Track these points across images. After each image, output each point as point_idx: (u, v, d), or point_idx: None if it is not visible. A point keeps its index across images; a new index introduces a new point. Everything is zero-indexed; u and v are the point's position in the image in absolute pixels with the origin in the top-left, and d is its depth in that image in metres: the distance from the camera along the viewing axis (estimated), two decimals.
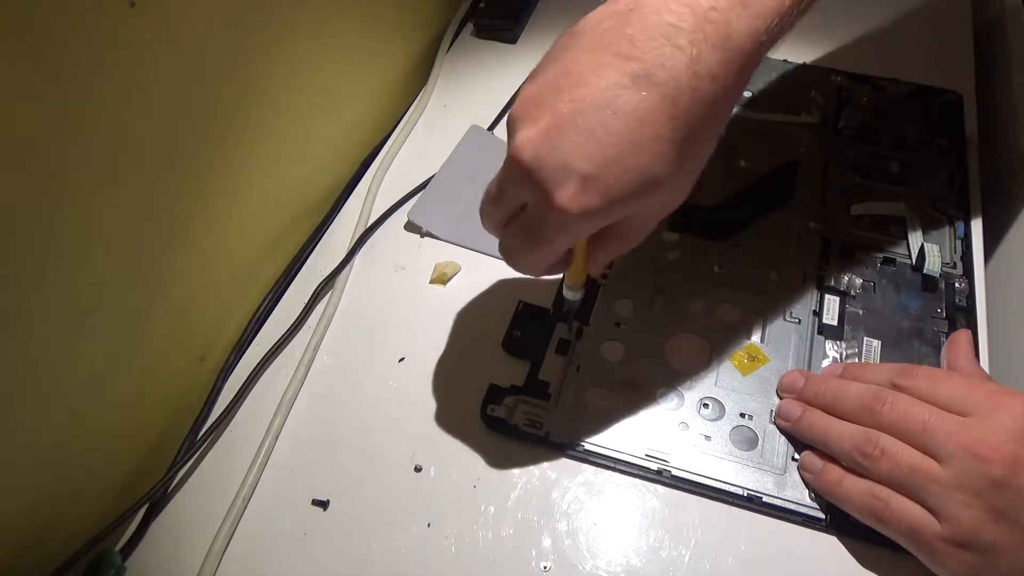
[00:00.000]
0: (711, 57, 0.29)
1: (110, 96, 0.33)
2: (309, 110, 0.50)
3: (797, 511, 0.37)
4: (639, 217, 0.33)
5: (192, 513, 0.40)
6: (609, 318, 0.45)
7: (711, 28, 0.28)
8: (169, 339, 0.42)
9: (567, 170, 0.29)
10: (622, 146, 0.29)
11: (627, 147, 0.29)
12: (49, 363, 0.33)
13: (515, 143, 0.30)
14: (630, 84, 0.28)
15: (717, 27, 0.29)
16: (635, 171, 0.29)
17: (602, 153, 0.29)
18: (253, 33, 0.42)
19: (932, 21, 0.62)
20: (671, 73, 0.28)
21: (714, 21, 0.29)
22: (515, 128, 0.30)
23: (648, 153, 0.29)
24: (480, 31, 0.65)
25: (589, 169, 0.29)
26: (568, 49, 0.30)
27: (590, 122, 0.29)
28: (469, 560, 0.37)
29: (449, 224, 0.51)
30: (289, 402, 0.43)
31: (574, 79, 0.29)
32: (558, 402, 0.41)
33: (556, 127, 0.29)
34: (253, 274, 0.48)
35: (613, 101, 0.29)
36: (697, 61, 0.28)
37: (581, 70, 0.29)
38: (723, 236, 0.48)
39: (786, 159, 0.52)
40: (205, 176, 0.41)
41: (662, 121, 0.29)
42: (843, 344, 0.43)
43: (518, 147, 0.30)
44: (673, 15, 0.29)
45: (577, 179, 0.29)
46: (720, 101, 0.30)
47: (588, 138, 0.29)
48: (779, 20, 0.30)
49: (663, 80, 0.28)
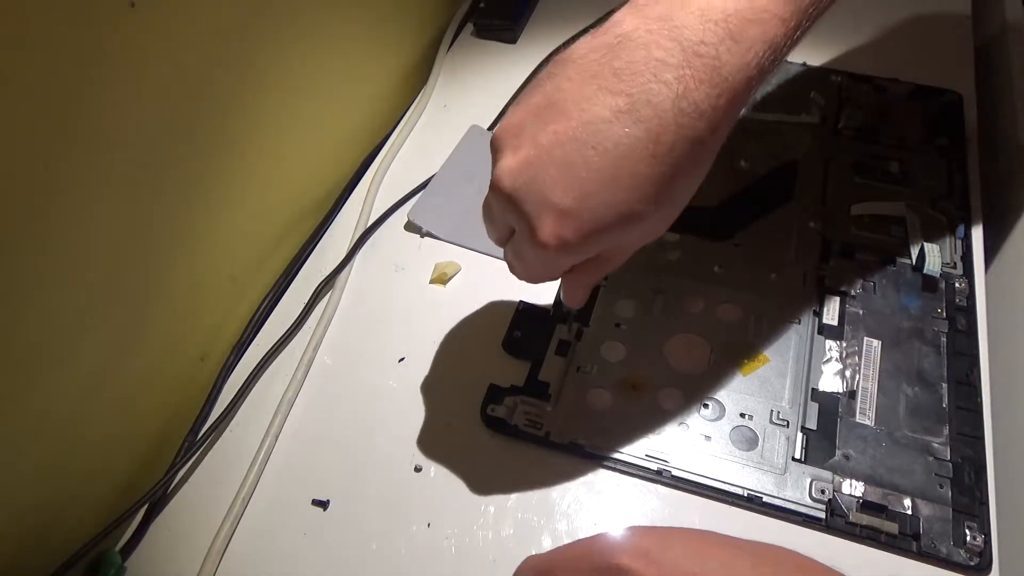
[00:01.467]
0: (698, 93, 0.28)
1: (110, 96, 0.33)
2: (309, 110, 0.50)
3: (797, 511, 0.37)
4: (619, 247, 0.33)
5: (192, 513, 0.40)
6: (609, 318, 0.45)
7: (699, 63, 0.28)
8: (169, 339, 0.42)
9: (544, 203, 0.29)
10: (601, 181, 0.28)
11: (607, 183, 0.28)
12: (49, 363, 0.33)
13: (496, 171, 0.30)
14: (613, 119, 0.28)
15: (706, 62, 0.28)
16: (613, 207, 0.29)
17: (580, 188, 0.28)
18: (253, 34, 0.42)
19: (932, 21, 0.61)
20: (656, 110, 0.28)
21: (703, 56, 0.28)
22: (497, 155, 0.30)
23: (627, 189, 0.28)
24: (480, 31, 0.65)
25: (567, 204, 0.29)
26: (554, 77, 0.30)
27: (570, 155, 0.28)
28: (469, 560, 0.37)
29: (449, 224, 0.51)
30: (289, 402, 0.43)
31: (557, 110, 0.29)
32: (558, 402, 0.41)
33: (536, 159, 0.29)
34: (253, 274, 0.48)
35: (595, 135, 0.28)
36: (683, 97, 0.28)
37: (565, 101, 0.29)
38: (723, 236, 0.48)
39: (786, 159, 0.52)
40: (205, 176, 0.41)
41: (643, 158, 0.28)
42: (843, 344, 0.43)
43: (498, 176, 0.30)
44: (661, 50, 0.28)
45: (554, 213, 0.29)
46: (706, 138, 0.29)
47: (566, 172, 0.28)
48: (771, 53, 0.29)
49: (648, 116, 0.28)
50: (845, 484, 0.38)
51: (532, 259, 0.32)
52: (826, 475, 0.38)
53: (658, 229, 0.32)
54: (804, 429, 0.40)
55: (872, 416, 0.40)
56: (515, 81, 0.59)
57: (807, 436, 0.39)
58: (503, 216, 0.32)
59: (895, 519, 0.36)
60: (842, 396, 0.41)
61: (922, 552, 0.35)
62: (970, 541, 0.36)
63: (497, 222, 0.33)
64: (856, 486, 0.37)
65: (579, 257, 0.31)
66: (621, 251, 0.33)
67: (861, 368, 0.42)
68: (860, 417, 0.40)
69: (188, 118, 0.38)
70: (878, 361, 0.42)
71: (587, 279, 0.36)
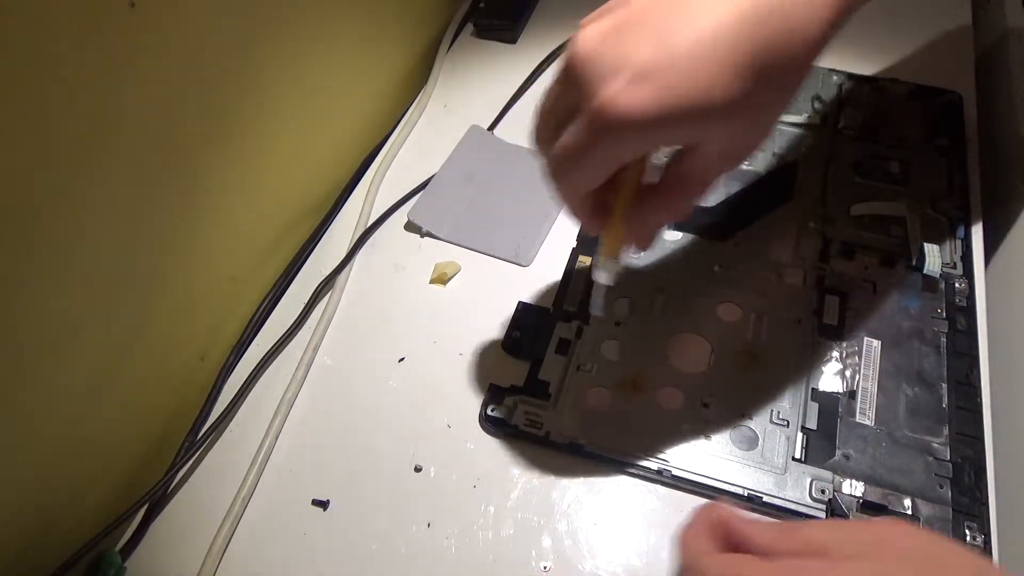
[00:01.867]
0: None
1: (110, 96, 0.33)
2: (309, 110, 0.50)
3: (797, 511, 0.37)
4: (694, 162, 0.30)
5: (192, 513, 0.40)
6: (609, 318, 0.45)
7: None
8: (169, 339, 0.42)
9: (622, 63, 0.26)
10: (690, 57, 0.26)
11: (694, 58, 0.26)
12: (49, 363, 0.33)
13: (577, 36, 0.28)
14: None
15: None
16: (695, 85, 0.26)
17: (665, 54, 0.26)
18: (253, 33, 0.42)
19: (932, 21, 0.61)
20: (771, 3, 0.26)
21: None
22: (582, 26, 0.28)
23: (713, 73, 0.26)
24: (480, 31, 0.65)
25: (646, 64, 0.26)
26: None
27: (662, 22, 0.26)
28: (469, 560, 0.37)
29: (449, 224, 0.51)
30: (289, 402, 0.43)
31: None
32: (558, 402, 0.41)
33: (625, 22, 0.27)
34: (253, 274, 0.48)
35: (692, 7, 0.26)
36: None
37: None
38: (723, 236, 0.48)
39: (786, 159, 0.52)
40: (205, 176, 0.41)
41: (740, 41, 0.26)
42: (843, 344, 0.43)
43: (578, 39, 0.27)
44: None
45: (629, 73, 0.26)
46: (810, 40, 0.27)
47: (654, 37, 0.26)
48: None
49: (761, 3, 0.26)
50: (845, 484, 0.38)
51: (592, 136, 0.28)
52: (826, 475, 0.38)
53: (737, 141, 0.30)
54: (804, 429, 0.40)
55: (872, 416, 0.40)
56: (515, 81, 0.59)
57: (807, 436, 0.39)
58: (567, 91, 0.28)
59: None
60: (842, 396, 0.41)
61: None
62: (970, 541, 0.36)
63: (556, 106, 0.29)
64: (856, 486, 0.37)
65: (644, 140, 0.28)
66: (696, 169, 0.30)
67: (861, 368, 0.42)
68: (860, 417, 0.40)
69: (188, 118, 0.38)
70: (878, 361, 0.42)
71: (657, 215, 0.32)
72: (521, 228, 0.50)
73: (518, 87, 0.59)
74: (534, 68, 0.60)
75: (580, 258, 0.48)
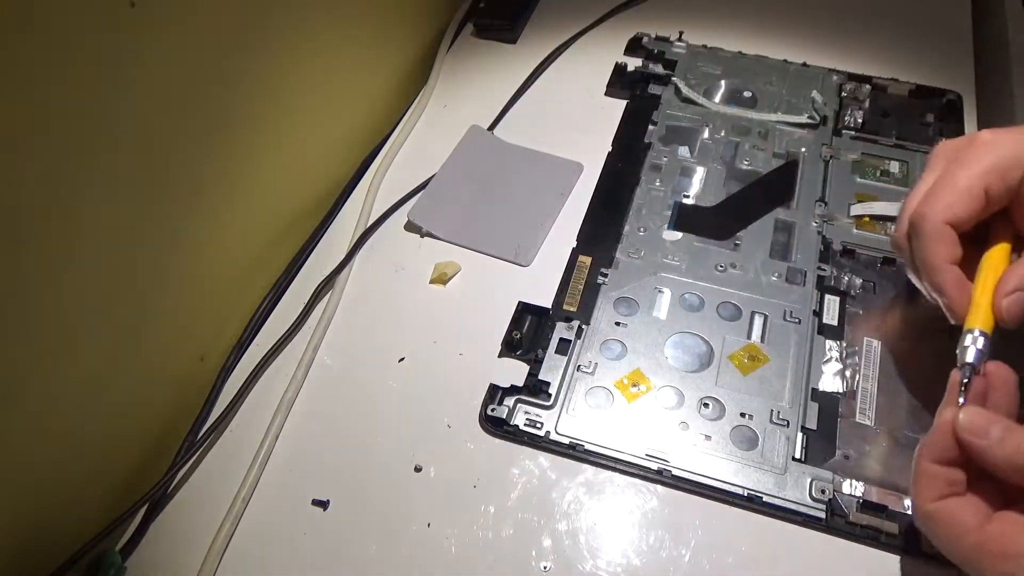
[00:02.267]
0: None
1: (110, 96, 0.33)
2: (309, 110, 0.50)
3: (797, 511, 0.37)
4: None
5: (192, 513, 0.40)
6: (609, 318, 0.45)
7: None
8: (169, 339, 0.42)
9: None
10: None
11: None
12: (49, 363, 0.33)
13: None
14: None
15: None
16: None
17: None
18: (253, 33, 0.42)
19: (932, 21, 0.62)
20: None
21: None
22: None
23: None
24: (480, 31, 0.65)
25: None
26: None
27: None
28: (469, 560, 0.37)
29: (449, 224, 0.51)
30: (289, 402, 0.43)
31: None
32: (558, 402, 0.41)
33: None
34: (253, 274, 0.48)
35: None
36: None
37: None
38: (723, 236, 0.48)
39: (786, 159, 0.52)
40: (205, 176, 0.41)
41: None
42: (843, 344, 0.43)
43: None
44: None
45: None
46: None
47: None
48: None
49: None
50: (845, 484, 0.38)
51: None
52: (826, 475, 0.38)
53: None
54: (804, 429, 0.40)
55: (872, 416, 0.40)
56: (515, 81, 0.59)
57: (807, 436, 0.39)
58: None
59: (895, 519, 0.36)
60: (842, 396, 0.41)
61: (922, 552, 0.35)
62: None
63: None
64: (856, 486, 0.37)
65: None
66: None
67: (861, 368, 0.42)
68: (860, 417, 0.40)
69: (188, 118, 0.38)
70: (878, 361, 0.42)
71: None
72: (521, 228, 0.50)
73: (518, 87, 0.59)
74: (534, 68, 0.60)
75: (580, 258, 0.48)
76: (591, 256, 0.48)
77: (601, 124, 0.56)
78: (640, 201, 0.51)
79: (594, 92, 0.59)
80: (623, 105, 0.57)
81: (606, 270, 0.47)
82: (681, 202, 0.50)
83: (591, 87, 0.59)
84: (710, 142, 0.54)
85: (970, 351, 0.32)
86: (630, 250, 0.48)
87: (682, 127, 0.55)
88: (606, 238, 0.49)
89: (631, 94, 0.58)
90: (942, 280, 0.33)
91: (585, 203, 0.51)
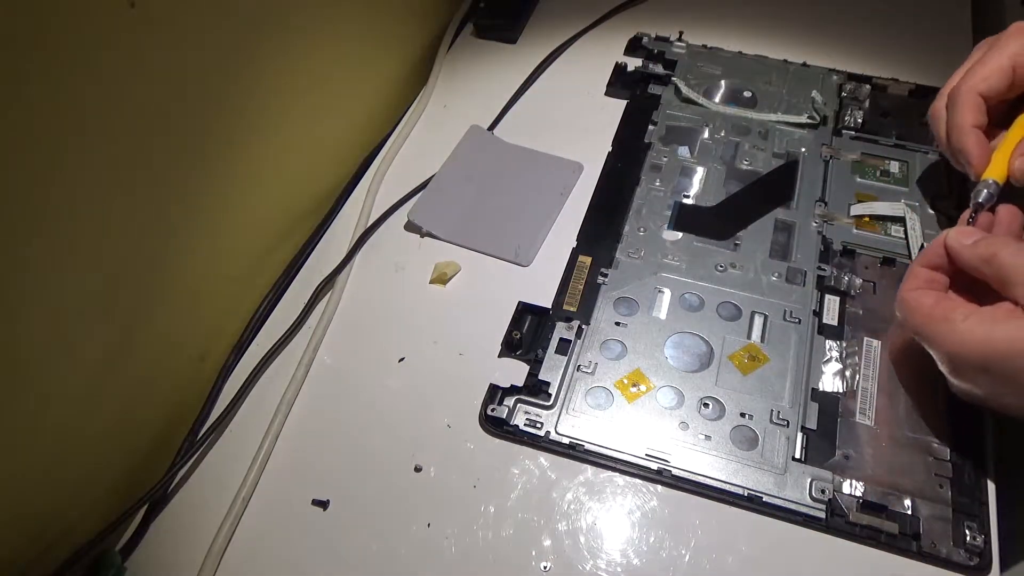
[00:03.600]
0: None
1: (110, 96, 0.33)
2: (309, 110, 0.50)
3: (797, 511, 0.37)
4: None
5: (192, 513, 0.40)
6: (609, 318, 0.45)
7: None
8: (169, 339, 0.42)
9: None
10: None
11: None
12: (49, 363, 0.33)
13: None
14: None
15: None
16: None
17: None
18: (253, 33, 0.42)
19: (932, 21, 0.62)
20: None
21: None
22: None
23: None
24: (480, 31, 0.65)
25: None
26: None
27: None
28: (469, 560, 0.37)
29: (449, 224, 0.51)
30: (289, 402, 0.43)
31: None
32: (558, 402, 0.41)
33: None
34: (253, 274, 0.48)
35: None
36: None
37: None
38: (723, 236, 0.48)
39: (786, 159, 0.52)
40: (205, 176, 0.41)
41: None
42: (843, 344, 0.43)
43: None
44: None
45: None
46: None
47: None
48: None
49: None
50: (845, 484, 0.38)
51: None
52: (826, 475, 0.38)
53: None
54: (804, 429, 0.40)
55: (872, 416, 0.40)
56: (515, 81, 0.59)
57: (807, 436, 0.39)
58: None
59: (895, 519, 0.36)
60: (842, 396, 0.41)
61: (922, 552, 0.35)
62: (970, 541, 0.36)
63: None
64: (856, 486, 0.38)
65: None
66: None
67: (861, 368, 0.42)
68: (860, 417, 0.40)
69: (188, 118, 0.38)
70: (878, 361, 0.42)
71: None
72: (521, 228, 0.50)
73: (518, 87, 0.59)
74: (534, 68, 0.60)
75: (580, 258, 0.48)
76: (591, 256, 0.48)
77: (601, 124, 0.56)
78: (640, 201, 0.51)
79: (594, 92, 0.59)
80: (623, 105, 0.57)
81: (606, 270, 0.47)
82: (681, 202, 0.50)
83: (591, 87, 0.59)
84: (710, 142, 0.54)
85: (982, 194, 0.38)
86: (630, 250, 0.48)
87: (682, 127, 0.55)
88: (606, 238, 0.49)
89: (631, 94, 0.58)
90: (966, 140, 0.38)
91: (585, 203, 0.51)
